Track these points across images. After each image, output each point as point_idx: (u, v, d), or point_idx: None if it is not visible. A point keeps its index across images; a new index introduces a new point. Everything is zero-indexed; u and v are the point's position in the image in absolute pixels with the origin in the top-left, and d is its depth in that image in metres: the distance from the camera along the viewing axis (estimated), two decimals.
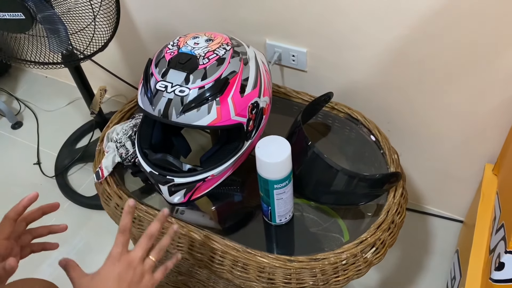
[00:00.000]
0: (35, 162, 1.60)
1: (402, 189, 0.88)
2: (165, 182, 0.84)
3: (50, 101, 1.81)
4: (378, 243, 0.82)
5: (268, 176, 0.76)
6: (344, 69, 1.13)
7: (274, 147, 0.75)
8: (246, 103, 0.82)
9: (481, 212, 1.02)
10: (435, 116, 1.11)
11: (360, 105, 1.09)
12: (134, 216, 0.91)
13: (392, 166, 0.93)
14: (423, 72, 1.03)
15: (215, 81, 0.78)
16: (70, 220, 1.43)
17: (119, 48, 1.53)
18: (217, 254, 0.83)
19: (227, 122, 0.80)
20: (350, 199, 0.89)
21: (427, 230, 1.34)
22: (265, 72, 0.89)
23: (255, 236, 0.88)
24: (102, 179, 0.94)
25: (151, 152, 0.87)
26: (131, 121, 1.01)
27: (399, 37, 0.99)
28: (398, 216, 0.86)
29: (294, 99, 1.09)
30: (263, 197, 0.82)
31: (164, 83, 0.78)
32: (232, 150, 0.86)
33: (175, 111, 0.77)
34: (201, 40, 0.84)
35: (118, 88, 1.71)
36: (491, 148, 1.10)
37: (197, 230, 0.86)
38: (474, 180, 1.19)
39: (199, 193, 0.89)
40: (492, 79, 0.97)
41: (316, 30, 1.09)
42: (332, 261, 0.79)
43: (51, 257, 1.34)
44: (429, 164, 1.24)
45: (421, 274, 1.24)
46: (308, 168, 0.86)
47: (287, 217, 0.86)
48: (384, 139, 0.97)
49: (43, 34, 1.07)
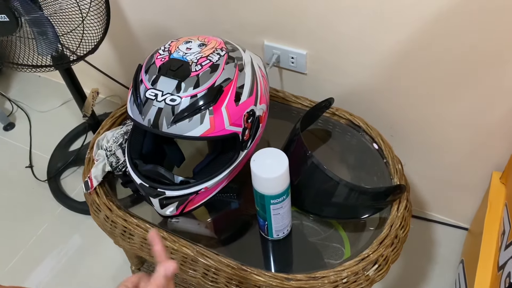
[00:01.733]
0: (27, 165, 1.56)
1: (406, 202, 0.84)
2: (156, 195, 0.79)
3: (44, 102, 1.77)
4: (381, 259, 0.78)
5: (264, 191, 0.71)
6: (345, 72, 1.09)
7: (270, 160, 0.70)
8: (241, 112, 0.77)
9: (488, 222, 0.98)
10: (439, 122, 1.07)
11: (361, 110, 1.04)
12: (124, 229, 0.86)
13: (396, 177, 0.88)
14: (428, 77, 0.98)
15: (208, 89, 0.73)
16: (63, 225, 1.39)
17: (112, 47, 1.49)
18: (211, 271, 0.79)
19: (221, 133, 0.75)
20: (351, 212, 0.84)
21: (430, 237, 1.29)
22: (262, 78, 0.84)
23: (251, 251, 0.84)
24: (91, 189, 0.90)
25: (142, 162, 0.82)
26: (122, 128, 0.97)
27: (403, 41, 0.94)
28: (401, 230, 0.82)
29: (293, 104, 1.05)
30: (259, 211, 0.77)
31: (154, 91, 0.73)
32: (226, 161, 0.81)
33: (166, 121, 0.72)
34: (193, 45, 0.79)
35: (113, 88, 1.67)
36: (498, 156, 1.05)
37: (189, 245, 0.81)
38: (480, 188, 1.15)
39: (192, 206, 0.85)
40: (499, 87, 0.92)
41: (317, 32, 1.04)
42: (332, 280, 0.75)
43: (41, 264, 1.30)
44: (433, 171, 1.20)
45: (424, 284, 1.20)
46: (307, 179, 0.81)
47: (284, 232, 0.82)
48: (387, 147, 0.93)
49: (31, 36, 1.02)
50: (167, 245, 0.81)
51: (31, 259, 1.32)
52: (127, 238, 0.86)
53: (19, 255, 1.33)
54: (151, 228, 0.85)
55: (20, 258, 1.32)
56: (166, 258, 0.57)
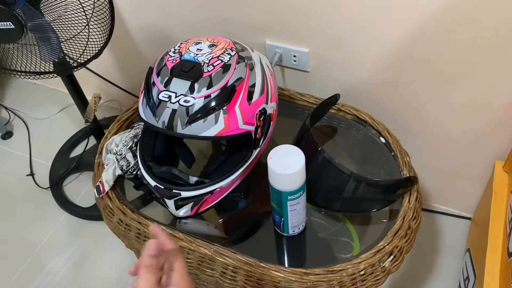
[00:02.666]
0: (28, 173, 1.54)
1: (417, 193, 0.86)
2: (171, 196, 0.80)
3: (41, 109, 1.75)
4: (396, 250, 0.79)
5: (282, 187, 0.72)
6: (347, 69, 1.10)
7: (287, 157, 0.71)
8: (254, 111, 0.78)
9: (495, 211, 1.00)
10: (442, 114, 1.08)
11: (364, 105, 1.05)
12: (138, 232, 0.87)
13: (405, 169, 0.90)
14: (430, 70, 1.00)
15: (222, 89, 0.74)
16: (67, 232, 1.39)
17: (111, 52, 1.48)
18: (229, 269, 0.80)
19: (235, 132, 0.76)
20: (363, 205, 0.86)
21: (435, 228, 1.31)
22: (271, 77, 0.85)
23: (266, 248, 0.85)
24: (103, 193, 0.90)
25: (155, 164, 0.83)
26: (130, 131, 0.97)
27: (405, 35, 0.96)
28: (414, 221, 0.83)
29: (298, 102, 1.06)
30: (275, 208, 0.78)
31: (168, 93, 0.74)
32: (240, 159, 0.82)
33: (181, 122, 0.73)
34: (204, 45, 0.79)
35: (111, 93, 1.66)
36: (500, 146, 1.07)
37: (206, 244, 0.82)
38: (483, 177, 1.17)
39: (207, 206, 0.85)
40: (501, 77, 0.94)
41: (318, 29, 1.05)
42: (350, 272, 0.76)
43: (48, 271, 1.30)
44: (435, 162, 1.22)
45: (431, 274, 1.22)
46: (319, 175, 0.82)
47: (300, 228, 0.83)
48: (394, 141, 0.94)
49: (33, 43, 1.02)
50: (183, 246, 0.82)
51: (37, 267, 1.31)
52: (142, 241, 0.87)
53: (25, 264, 1.32)
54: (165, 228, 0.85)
55: (27, 267, 1.31)
56: (171, 244, 0.55)
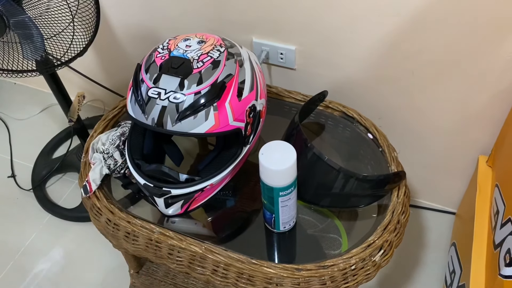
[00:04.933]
0: (10, 175, 1.51)
1: (405, 188, 0.87)
2: (161, 194, 0.79)
3: (21, 109, 1.71)
4: (386, 245, 0.80)
5: (273, 183, 0.72)
6: (334, 66, 1.11)
7: (279, 153, 0.71)
8: (243, 107, 0.78)
9: (479, 205, 1.02)
10: (426, 109, 1.10)
11: (350, 102, 1.06)
12: (127, 231, 0.85)
13: (393, 164, 0.91)
14: (415, 67, 1.01)
15: (212, 85, 0.73)
16: (52, 234, 1.36)
17: (94, 51, 1.46)
18: (220, 267, 0.79)
19: (225, 128, 0.76)
20: (351, 201, 0.86)
21: (420, 223, 1.33)
22: (259, 73, 0.85)
23: (256, 245, 0.84)
24: (90, 193, 0.89)
25: (144, 163, 0.82)
26: (117, 130, 0.95)
27: (390, 33, 0.97)
28: (403, 215, 0.84)
29: (286, 99, 1.06)
30: (266, 204, 0.78)
31: (157, 89, 0.73)
32: (230, 157, 0.82)
33: (170, 119, 0.72)
34: (193, 42, 0.79)
35: (94, 93, 1.63)
36: (483, 141, 1.10)
37: (197, 242, 0.81)
38: (466, 172, 1.19)
39: (197, 204, 0.85)
40: (484, 73, 0.96)
41: (305, 27, 1.05)
42: (341, 267, 0.77)
43: (32, 274, 1.27)
44: (419, 157, 1.23)
45: (418, 268, 1.24)
46: (308, 171, 0.82)
47: (291, 224, 0.83)
48: (382, 136, 0.95)
49: (15, 40, 1.00)
50: (173, 244, 0.81)
51: (21, 271, 1.28)
52: (131, 240, 0.85)
53: (8, 268, 1.29)
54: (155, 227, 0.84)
55: (10, 270, 1.28)
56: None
